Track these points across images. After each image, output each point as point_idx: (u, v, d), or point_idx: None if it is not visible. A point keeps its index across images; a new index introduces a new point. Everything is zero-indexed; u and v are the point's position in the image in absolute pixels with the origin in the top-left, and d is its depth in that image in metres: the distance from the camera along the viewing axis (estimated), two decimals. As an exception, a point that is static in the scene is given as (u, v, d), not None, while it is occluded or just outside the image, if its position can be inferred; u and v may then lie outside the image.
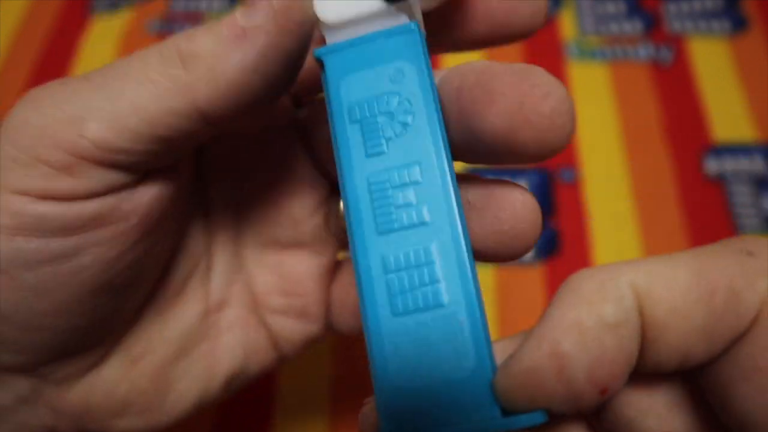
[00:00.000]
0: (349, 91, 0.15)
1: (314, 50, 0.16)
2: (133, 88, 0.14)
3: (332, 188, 0.20)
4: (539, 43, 0.39)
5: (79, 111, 0.14)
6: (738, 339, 0.12)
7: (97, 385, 0.18)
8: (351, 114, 0.15)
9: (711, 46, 0.38)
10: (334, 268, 0.21)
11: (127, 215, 0.16)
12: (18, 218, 0.15)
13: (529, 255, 0.31)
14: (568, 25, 0.40)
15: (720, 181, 0.33)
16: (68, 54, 0.41)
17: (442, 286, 0.14)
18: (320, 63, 0.16)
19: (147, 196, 0.16)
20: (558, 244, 0.31)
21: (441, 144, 0.15)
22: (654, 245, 0.31)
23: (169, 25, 0.42)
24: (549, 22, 0.40)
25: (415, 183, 0.14)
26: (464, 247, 0.14)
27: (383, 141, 0.15)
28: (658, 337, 0.12)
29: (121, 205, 0.15)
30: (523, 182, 0.33)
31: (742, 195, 0.32)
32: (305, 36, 0.15)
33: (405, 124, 0.15)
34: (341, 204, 0.20)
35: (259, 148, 0.20)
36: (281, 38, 0.14)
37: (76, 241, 0.15)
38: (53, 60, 0.40)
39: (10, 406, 0.18)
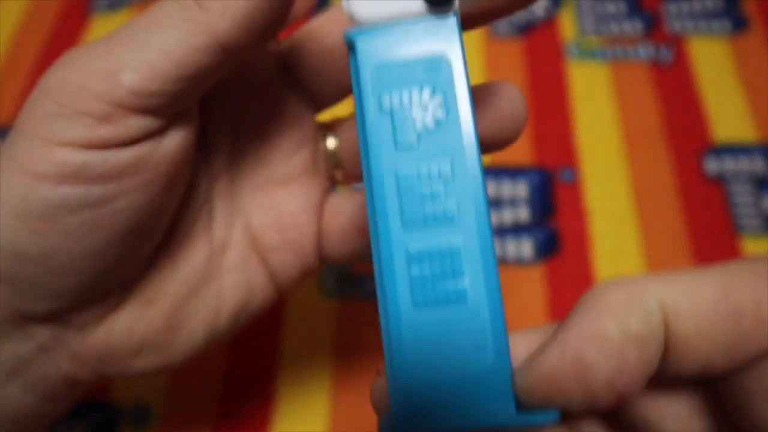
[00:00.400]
0: (380, 78, 0.15)
1: (345, 31, 0.15)
2: (158, 35, 0.16)
3: (318, 122, 0.22)
4: (539, 43, 0.39)
5: (112, 64, 0.16)
6: (761, 356, 0.13)
7: (116, 327, 0.19)
8: (381, 103, 0.15)
9: (711, 46, 0.38)
10: (323, 199, 0.22)
11: (158, 162, 0.17)
12: (63, 167, 0.16)
13: (530, 255, 0.31)
14: (568, 25, 0.40)
15: (720, 181, 0.33)
16: (68, 54, 0.41)
17: (466, 280, 0.14)
18: (350, 45, 0.15)
19: (174, 142, 0.17)
20: (558, 244, 0.31)
21: (474, 140, 0.14)
22: (654, 245, 0.31)
23: (169, 25, 0.42)
24: (549, 22, 0.40)
25: (446, 179, 0.14)
26: (490, 244, 0.14)
27: (414, 134, 0.15)
28: (681, 352, 0.13)
29: (153, 152, 0.17)
30: (523, 182, 0.33)
31: (742, 195, 0.32)
32: None
33: (438, 119, 0.15)
34: (328, 140, 0.22)
35: (249, 91, 0.21)
36: None
37: (115, 187, 0.17)
38: (53, 60, 0.40)
39: (28, 356, 0.18)
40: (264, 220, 0.21)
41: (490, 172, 0.34)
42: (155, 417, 0.28)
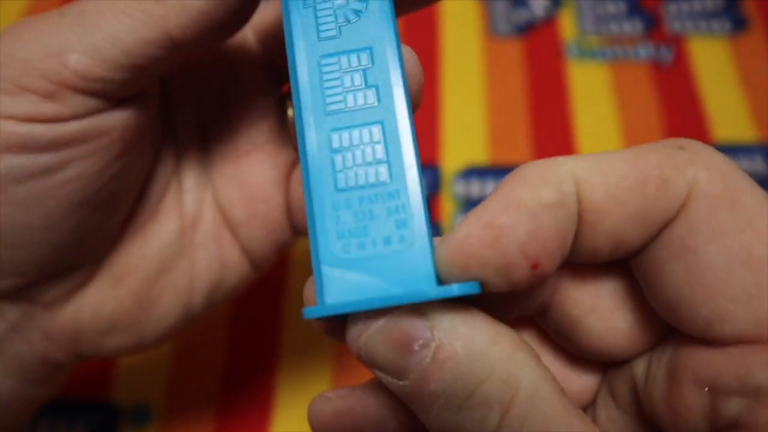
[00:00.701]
0: None
1: None
2: (110, 21, 0.16)
3: (283, 92, 0.22)
4: (539, 43, 0.39)
5: (61, 44, 0.16)
6: (668, 223, 0.13)
7: (85, 305, 0.19)
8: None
9: (711, 46, 0.38)
10: (291, 171, 0.22)
11: (108, 132, 0.17)
12: (7, 137, 0.16)
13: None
14: (568, 25, 0.40)
15: (720, 181, 0.33)
16: (68, 54, 0.41)
17: (386, 164, 0.14)
18: None
19: (123, 116, 0.17)
20: (558, 244, 0.31)
21: (392, 31, 0.15)
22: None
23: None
24: (549, 22, 0.40)
25: (365, 67, 0.15)
26: (410, 129, 0.14)
27: (335, 25, 0.15)
28: (594, 222, 0.13)
29: (100, 123, 0.17)
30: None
31: (742, 195, 0.32)
32: None
33: (358, 11, 0.15)
34: (290, 110, 0.22)
35: (212, 64, 0.21)
36: None
37: (62, 155, 0.17)
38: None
39: (1, 336, 0.18)
40: (231, 193, 0.21)
41: (490, 172, 0.34)
42: (155, 417, 0.28)
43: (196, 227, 0.21)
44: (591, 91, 0.37)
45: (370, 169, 0.14)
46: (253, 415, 0.28)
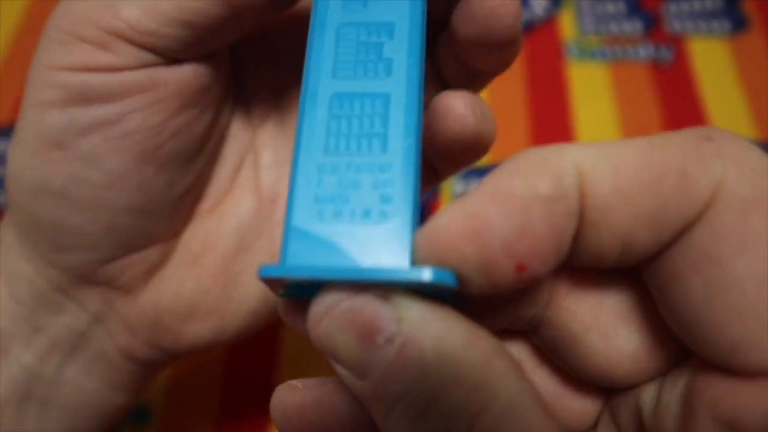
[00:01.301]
0: None
1: None
2: None
3: None
4: (539, 43, 0.39)
5: None
6: (688, 227, 0.11)
7: (163, 287, 0.19)
8: None
9: (711, 46, 0.38)
10: None
11: (164, 84, 0.17)
12: (65, 90, 0.17)
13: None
14: (568, 25, 0.40)
15: (720, 181, 0.33)
16: (68, 54, 0.41)
17: (384, 137, 0.14)
18: None
19: (181, 72, 0.17)
20: (558, 244, 0.31)
21: (417, 7, 0.15)
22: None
23: (169, 25, 0.42)
24: (549, 22, 0.40)
25: (382, 41, 0.15)
26: (416, 108, 0.14)
27: None
28: (598, 221, 0.11)
29: (156, 75, 0.17)
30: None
31: (742, 195, 0.32)
32: None
33: None
34: None
35: (284, 35, 0.21)
36: None
37: (120, 106, 0.17)
38: (53, 60, 0.40)
39: (84, 329, 0.19)
40: None
41: (490, 172, 0.34)
42: (155, 417, 0.28)
43: (275, 204, 0.20)
44: (591, 91, 0.37)
45: (365, 140, 0.14)
46: (253, 415, 0.28)
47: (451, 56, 0.18)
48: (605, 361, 0.13)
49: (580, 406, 0.14)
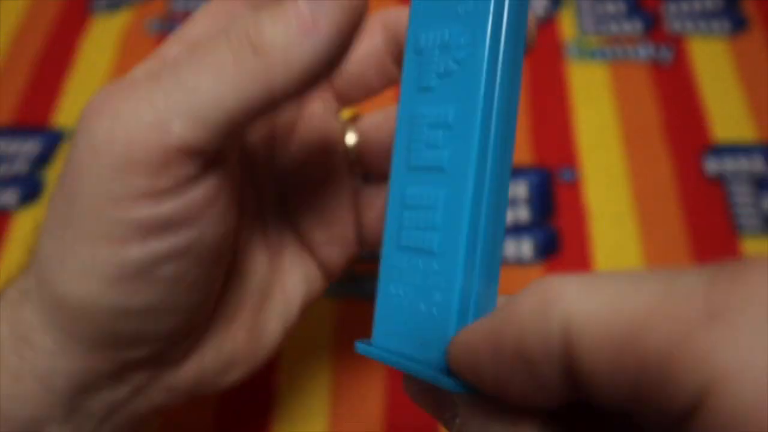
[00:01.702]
0: (420, 17, 0.15)
1: None
2: (209, 81, 0.15)
3: (345, 121, 0.24)
4: (539, 43, 0.39)
5: (160, 113, 0.15)
6: (683, 419, 0.10)
7: (206, 351, 0.20)
8: (417, 44, 0.15)
9: (711, 46, 0.38)
10: (356, 194, 0.23)
11: (222, 189, 0.17)
12: (140, 224, 0.16)
13: (529, 255, 0.31)
14: (568, 25, 0.40)
15: (720, 181, 0.33)
16: (68, 54, 0.41)
17: (438, 234, 0.14)
18: None
19: (225, 169, 0.17)
20: (558, 244, 0.31)
21: (492, 88, 0.13)
22: (654, 245, 0.31)
23: (169, 24, 0.42)
24: (549, 22, 0.40)
25: (447, 125, 0.14)
26: (470, 201, 0.13)
27: (434, 75, 0.14)
28: (585, 380, 0.11)
29: (214, 183, 0.17)
30: (523, 182, 0.33)
31: (742, 195, 0.32)
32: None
33: (459, 61, 0.14)
34: (347, 136, 0.23)
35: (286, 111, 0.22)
36: (350, 29, 0.15)
37: (198, 227, 0.16)
38: (53, 60, 0.40)
39: (122, 401, 0.19)
40: (310, 218, 0.23)
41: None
42: (155, 417, 0.28)
43: (282, 255, 0.22)
44: (591, 91, 0.37)
45: (424, 234, 0.14)
46: (253, 415, 0.28)
47: None
48: None
49: None
